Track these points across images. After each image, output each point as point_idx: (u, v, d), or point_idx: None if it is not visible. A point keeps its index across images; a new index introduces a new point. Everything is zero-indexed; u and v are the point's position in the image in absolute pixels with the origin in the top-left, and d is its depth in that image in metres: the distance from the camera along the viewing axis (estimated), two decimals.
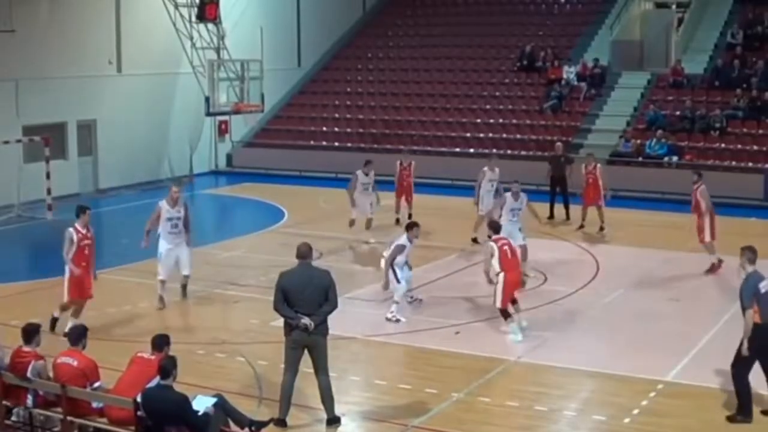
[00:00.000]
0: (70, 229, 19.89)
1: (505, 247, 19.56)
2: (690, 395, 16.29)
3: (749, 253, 15.33)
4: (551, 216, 31.56)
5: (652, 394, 16.19)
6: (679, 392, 16.42)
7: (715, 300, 22.37)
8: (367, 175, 29.03)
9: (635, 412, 15.45)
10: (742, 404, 15.11)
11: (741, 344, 14.91)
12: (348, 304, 19.74)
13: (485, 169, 29.02)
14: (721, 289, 23.45)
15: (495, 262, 19.33)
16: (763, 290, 14.91)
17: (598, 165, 30.15)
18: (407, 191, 31.47)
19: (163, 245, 22.06)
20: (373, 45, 51.90)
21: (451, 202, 33.62)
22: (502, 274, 19.18)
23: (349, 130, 45.45)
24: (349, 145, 44.21)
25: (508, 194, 25.03)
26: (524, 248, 23.91)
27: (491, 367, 17.51)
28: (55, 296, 21.40)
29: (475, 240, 27.95)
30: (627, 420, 15.15)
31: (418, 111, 45.49)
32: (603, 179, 29.76)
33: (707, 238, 25.25)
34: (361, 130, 45.12)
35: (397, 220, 30.69)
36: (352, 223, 28.62)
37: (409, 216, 30.46)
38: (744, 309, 14.83)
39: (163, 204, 22.38)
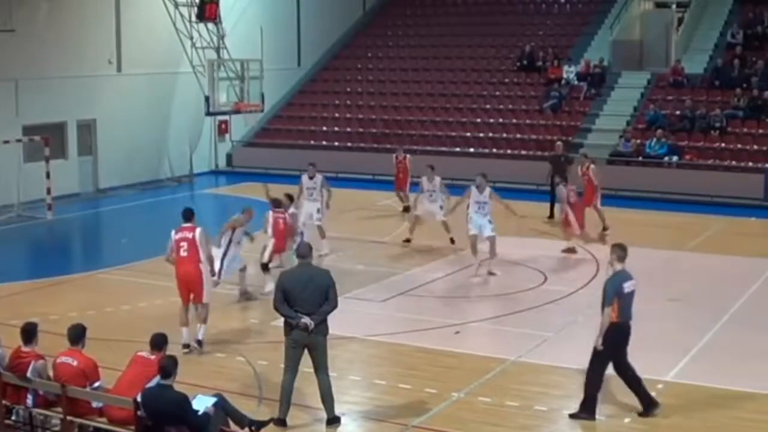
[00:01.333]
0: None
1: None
2: (690, 395, 16.29)
3: (619, 251, 15.59)
4: (551, 216, 31.54)
5: (652, 394, 16.17)
6: (679, 392, 16.41)
7: (715, 300, 22.34)
8: (311, 178, 27.19)
9: (635, 411, 15.43)
10: (588, 401, 15.27)
11: (596, 341, 15.13)
12: (348, 303, 19.70)
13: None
14: (721, 290, 23.46)
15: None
16: (626, 290, 15.22)
17: (592, 166, 29.82)
18: (402, 183, 31.86)
19: None
20: (373, 45, 51.91)
21: (450, 202, 33.50)
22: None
23: (349, 129, 45.45)
24: (349, 144, 44.23)
25: (473, 187, 24.94)
26: (492, 240, 24.38)
27: (491, 367, 17.50)
28: (54, 295, 21.44)
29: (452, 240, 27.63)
30: (627, 420, 15.16)
31: (418, 111, 45.48)
32: (596, 180, 29.42)
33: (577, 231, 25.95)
34: (361, 130, 45.12)
35: (405, 208, 30.81)
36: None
37: (405, 209, 30.48)
38: (603, 306, 15.07)
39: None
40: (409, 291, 22.74)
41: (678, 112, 40.56)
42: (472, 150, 41.79)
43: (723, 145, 38.44)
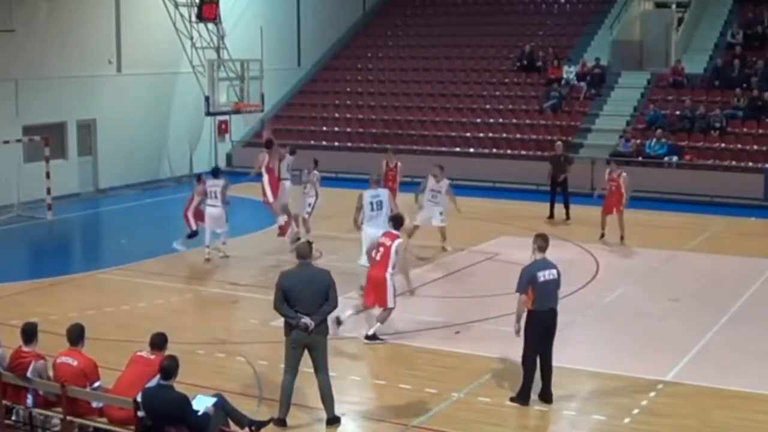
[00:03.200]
0: None
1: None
2: (690, 395, 16.30)
3: (540, 241, 16.15)
4: (551, 216, 31.54)
5: (652, 394, 16.20)
6: (679, 392, 16.43)
7: (715, 300, 22.35)
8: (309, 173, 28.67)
9: (635, 411, 15.46)
10: (525, 388, 15.76)
11: (514, 327, 15.74)
12: (348, 304, 19.71)
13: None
14: (721, 290, 23.47)
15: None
16: (541, 279, 15.60)
17: (624, 174, 29.15)
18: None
19: None
20: (373, 45, 51.93)
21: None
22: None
23: (349, 129, 45.45)
24: (349, 144, 44.21)
25: (431, 176, 26.59)
26: (442, 229, 26.85)
27: (491, 367, 17.51)
28: (54, 295, 21.44)
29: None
30: (627, 420, 15.16)
31: (418, 111, 45.49)
32: (626, 188, 28.72)
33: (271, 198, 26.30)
34: (361, 130, 45.11)
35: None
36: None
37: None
38: (518, 292, 15.66)
39: None
40: (409, 291, 22.73)
41: (678, 112, 40.57)
42: (472, 150, 41.79)
43: (723, 145, 38.44)
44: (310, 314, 14.24)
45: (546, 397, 15.75)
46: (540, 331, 15.61)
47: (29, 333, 13.83)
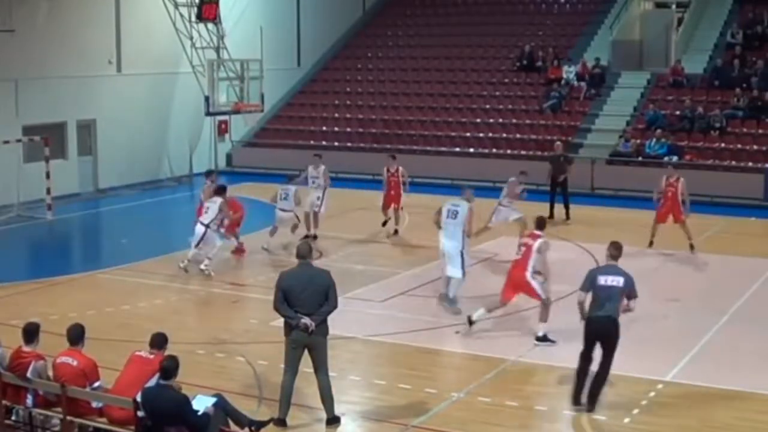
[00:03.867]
0: None
1: None
2: (690, 395, 16.31)
3: (612, 249, 16.04)
4: (551, 216, 31.51)
5: (652, 394, 16.21)
6: (679, 392, 16.44)
7: (715, 300, 22.37)
8: (315, 168, 29.08)
9: (635, 411, 15.47)
10: (572, 391, 15.70)
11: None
12: (348, 303, 19.72)
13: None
14: (721, 289, 23.49)
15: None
16: (600, 282, 15.47)
17: (681, 179, 28.05)
18: (395, 199, 29.66)
19: None
20: (373, 45, 51.94)
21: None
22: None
23: (348, 129, 45.44)
24: (349, 144, 44.19)
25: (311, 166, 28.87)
26: (315, 215, 28.52)
27: (491, 367, 17.51)
28: (54, 295, 21.43)
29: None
30: (627, 420, 15.17)
31: (418, 111, 45.48)
32: (683, 194, 27.83)
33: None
34: (361, 130, 45.11)
35: (385, 223, 30.43)
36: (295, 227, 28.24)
37: (384, 223, 29.97)
38: (579, 290, 15.75)
39: None
40: (409, 291, 22.75)
41: (678, 112, 40.58)
42: (472, 150, 41.81)
43: (723, 145, 38.45)
44: (310, 314, 14.23)
45: (588, 402, 15.51)
46: (590, 335, 15.48)
47: (30, 333, 13.83)
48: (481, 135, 42.83)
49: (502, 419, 15.27)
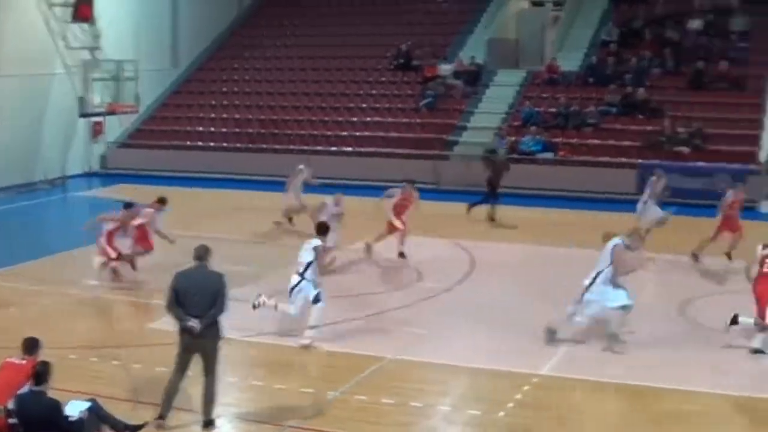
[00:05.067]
0: None
1: None
2: (565, 387, 16.56)
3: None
4: (492, 219, 31.60)
5: (526, 388, 16.38)
6: (554, 385, 16.65)
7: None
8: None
9: (510, 405, 15.61)
10: None
11: None
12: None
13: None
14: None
15: None
16: None
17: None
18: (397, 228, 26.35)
19: None
20: (250, 45, 51.65)
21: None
22: None
23: (225, 130, 45.06)
24: (225, 145, 43.77)
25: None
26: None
27: (367, 365, 17.52)
28: None
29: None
30: (502, 413, 15.30)
31: (295, 111, 45.35)
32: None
33: None
34: (237, 130, 44.76)
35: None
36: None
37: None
38: None
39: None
40: (285, 290, 22.67)
41: (553, 109, 41.07)
42: (349, 149, 41.82)
43: (597, 141, 39.02)
44: (200, 317, 14.14)
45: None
46: None
47: None
48: (358, 134, 42.85)
49: (378, 417, 15.30)
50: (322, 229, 19.70)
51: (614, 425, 15.26)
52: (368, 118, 43.74)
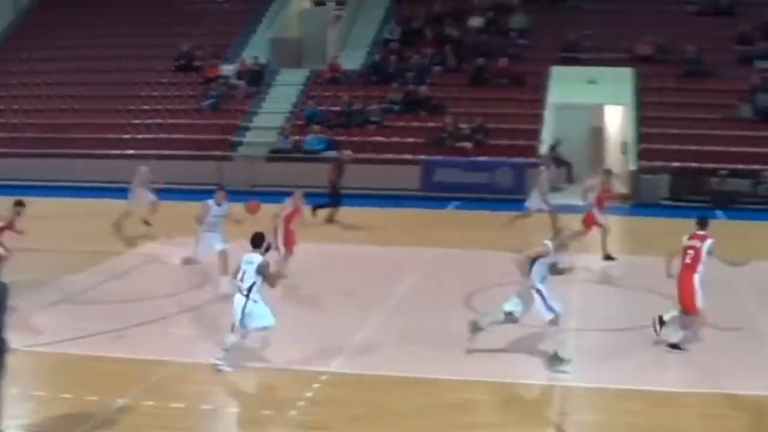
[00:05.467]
0: None
1: None
2: (355, 383, 16.60)
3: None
4: (332, 220, 31.69)
5: (316, 385, 16.33)
6: (344, 381, 16.69)
7: (380, 290, 22.93)
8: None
9: (301, 403, 15.54)
10: None
11: None
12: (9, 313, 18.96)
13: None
14: (385, 280, 24.02)
15: None
16: None
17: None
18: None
19: None
20: (28, 47, 50.38)
21: (108, 205, 32.62)
22: None
23: (3, 135, 43.82)
24: (4, 151, 42.53)
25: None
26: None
27: (155, 371, 17.21)
28: None
29: None
30: (293, 412, 15.20)
31: (74, 114, 44.46)
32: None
33: None
34: (16, 135, 43.60)
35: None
36: None
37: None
38: None
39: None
40: (68, 298, 22.16)
41: (336, 108, 41.27)
42: (132, 152, 41.08)
43: (380, 138, 39.38)
44: None
45: None
46: None
47: None
48: (140, 136, 42.33)
49: (168, 421, 15.05)
50: (258, 241, 17.42)
51: (407, 416, 15.32)
52: (150, 120, 43.25)
